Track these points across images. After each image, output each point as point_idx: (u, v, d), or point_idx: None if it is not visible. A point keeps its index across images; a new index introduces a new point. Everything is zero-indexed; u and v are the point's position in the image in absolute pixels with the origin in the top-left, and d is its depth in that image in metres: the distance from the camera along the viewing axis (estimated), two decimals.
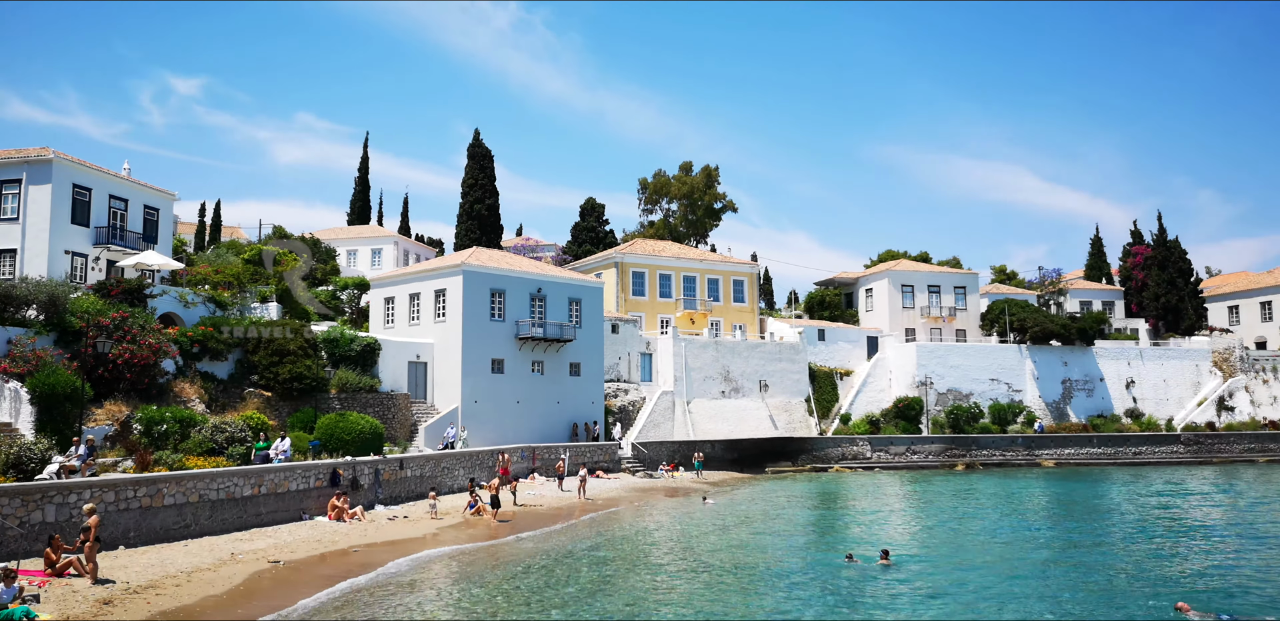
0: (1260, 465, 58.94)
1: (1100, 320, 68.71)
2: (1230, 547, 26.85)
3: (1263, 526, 31.40)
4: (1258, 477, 50.33)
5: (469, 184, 67.68)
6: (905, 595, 19.97)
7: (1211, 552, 26.01)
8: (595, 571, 22.75)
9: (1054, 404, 63.68)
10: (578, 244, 76.31)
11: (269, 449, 29.18)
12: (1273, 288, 76.15)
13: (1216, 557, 25.13)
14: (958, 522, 32.53)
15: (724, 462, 54.59)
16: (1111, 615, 17.79)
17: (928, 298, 68.87)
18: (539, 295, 47.47)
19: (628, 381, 54.59)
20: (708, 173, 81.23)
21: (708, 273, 64.13)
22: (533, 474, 43.36)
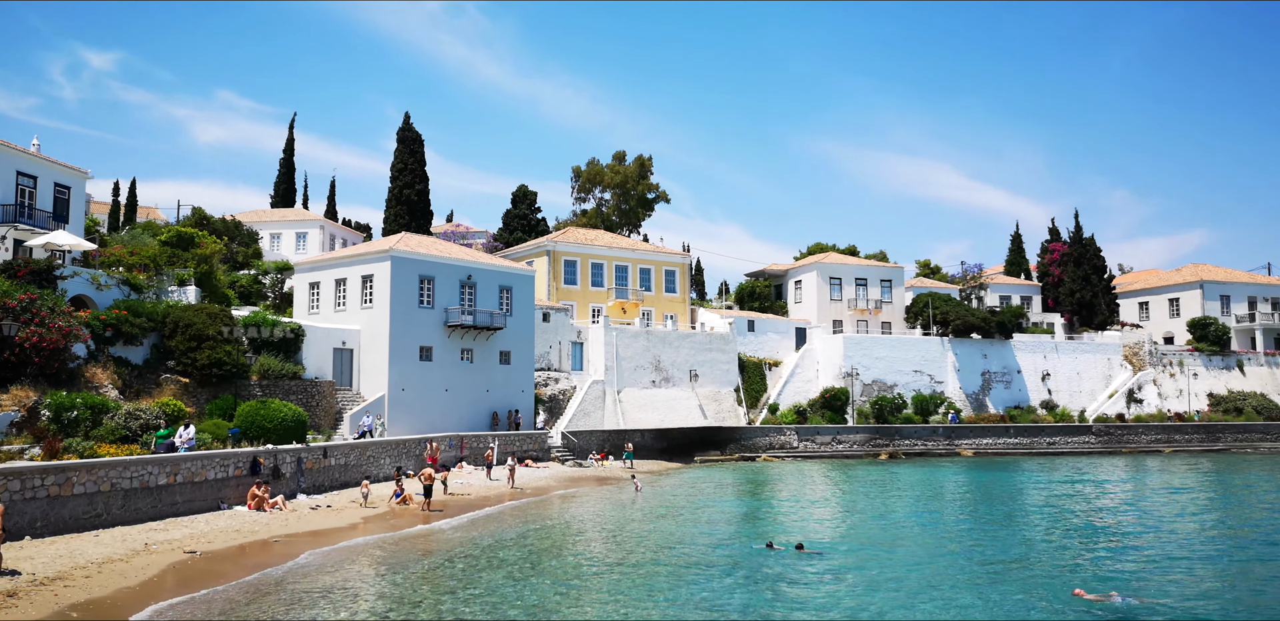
0: (1165, 455, 61.59)
1: (1019, 314, 70.81)
2: (1130, 535, 27.96)
3: (1162, 515, 32.79)
4: (1162, 467, 52.56)
5: (398, 168, 66.41)
6: (821, 582, 20.31)
7: (1111, 540, 27.05)
8: (522, 559, 22.64)
9: (974, 395, 65.49)
10: (509, 231, 75.58)
11: (172, 437, 27.72)
12: (1180, 285, 79.46)
13: (1116, 544, 26.15)
14: (877, 511, 33.24)
15: (654, 452, 54.84)
16: (1012, 601, 18.31)
17: (855, 290, 70.07)
18: (469, 282, 46.90)
19: (558, 370, 54.38)
20: (641, 162, 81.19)
21: (640, 262, 64.18)
22: (461, 463, 42.93)
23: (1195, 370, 71.20)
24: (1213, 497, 38.26)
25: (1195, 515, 32.41)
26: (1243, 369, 72.96)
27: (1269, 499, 37.17)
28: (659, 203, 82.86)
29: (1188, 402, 69.70)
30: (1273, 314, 77.00)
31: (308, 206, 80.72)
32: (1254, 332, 76.29)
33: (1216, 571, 21.83)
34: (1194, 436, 65.72)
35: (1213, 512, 33.35)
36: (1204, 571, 21.83)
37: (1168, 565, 22.48)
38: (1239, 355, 73.47)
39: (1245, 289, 78.57)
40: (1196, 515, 32.43)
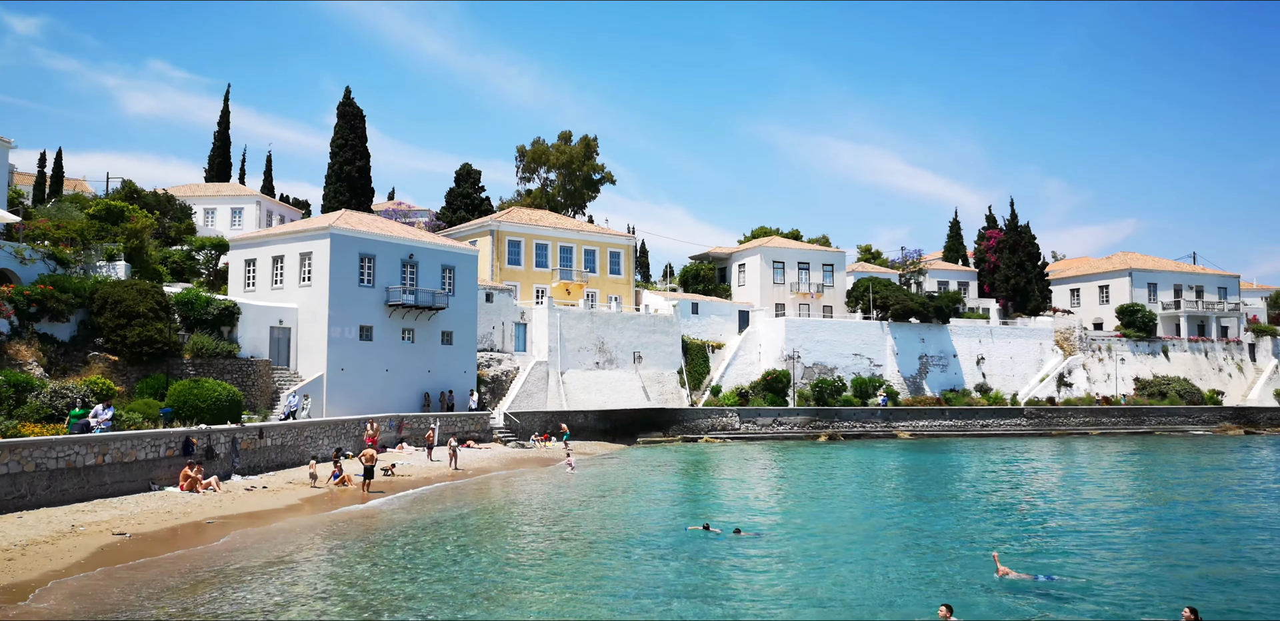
0: (1093, 438, 63.56)
1: (956, 300, 72.23)
2: (1056, 515, 28.83)
3: (1087, 496, 33.87)
4: (1089, 450, 54.24)
5: (338, 144, 64.95)
6: (758, 563, 20.56)
7: (1039, 520, 27.86)
8: (463, 539, 22.51)
9: (911, 378, 66.74)
10: (452, 210, 74.56)
11: (87, 417, 26.49)
12: (1110, 272, 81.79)
13: (1043, 524, 26.93)
14: (816, 492, 33.75)
15: (597, 433, 54.88)
16: (937, 579, 18.74)
17: (798, 274, 70.72)
18: (411, 261, 46.19)
19: (501, 351, 54.01)
20: (587, 143, 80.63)
21: (585, 243, 63.89)
22: (401, 443, 42.47)
23: (1123, 355, 73.50)
24: (1136, 479, 39.60)
25: (1119, 496, 33.53)
26: (1167, 354, 75.51)
27: (1189, 481, 38.60)
28: (604, 184, 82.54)
29: (1115, 387, 71.97)
30: (1197, 301, 79.72)
31: (244, 181, 78.64)
32: (1179, 319, 78.95)
33: (1137, 550, 22.61)
34: (1120, 419, 67.92)
35: (1135, 494, 34.53)
36: (1126, 550, 22.59)
37: (1091, 543, 23.22)
38: (1164, 341, 76.00)
39: (1171, 277, 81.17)
40: (1120, 496, 33.55)
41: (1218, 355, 77.61)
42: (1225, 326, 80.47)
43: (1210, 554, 21.73)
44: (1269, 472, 41.55)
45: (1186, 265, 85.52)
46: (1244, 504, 31.04)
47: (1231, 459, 48.25)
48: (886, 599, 16.76)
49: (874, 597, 16.94)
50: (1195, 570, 19.84)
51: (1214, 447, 55.19)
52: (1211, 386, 75.10)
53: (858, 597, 17.00)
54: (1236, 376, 77.55)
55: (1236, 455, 50.40)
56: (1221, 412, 71.46)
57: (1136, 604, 16.67)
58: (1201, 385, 74.37)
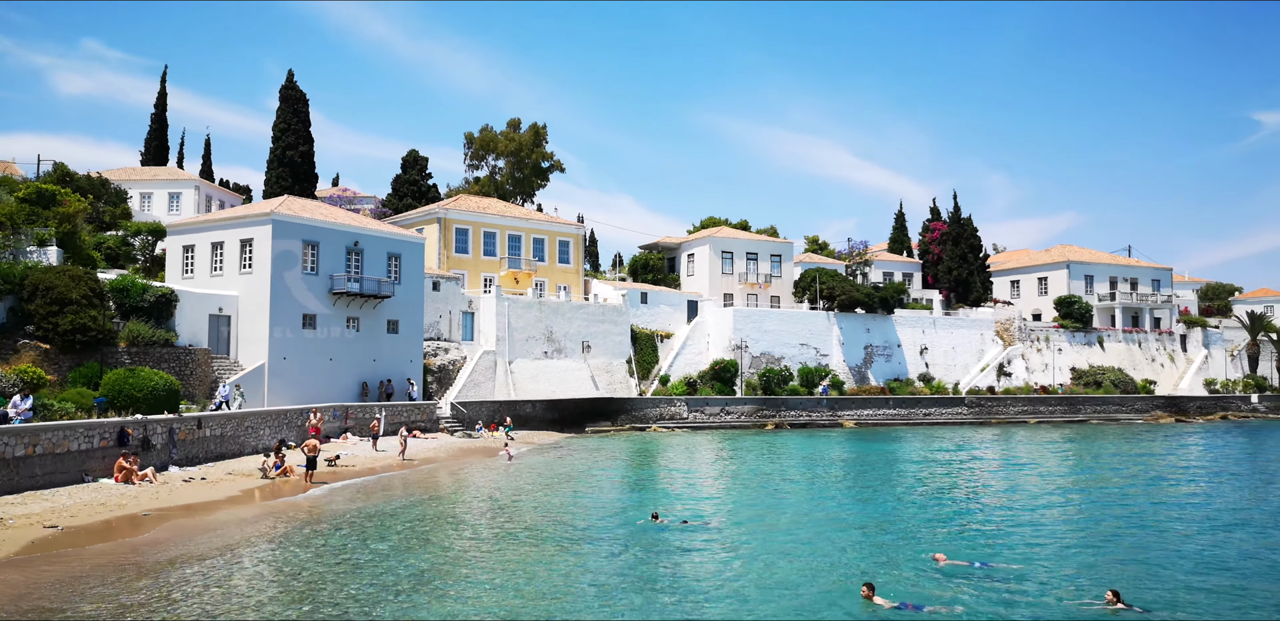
0: (1031, 426, 65.10)
1: (900, 290, 73.31)
2: (994, 502, 29.45)
3: (1025, 483, 34.67)
4: (1027, 438, 55.53)
5: (281, 128, 63.51)
6: (705, 552, 20.67)
7: (977, 506, 28.44)
8: (409, 530, 22.24)
9: (856, 368, 67.63)
10: (399, 197, 73.46)
11: (6, 408, 25.35)
12: (1048, 265, 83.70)
13: (981, 511, 27.51)
14: (763, 481, 34.02)
15: (545, 422, 54.69)
16: (876, 565, 19.04)
17: (746, 264, 71.11)
18: (356, 249, 45.43)
19: (448, 340, 53.46)
20: (536, 131, 80.00)
21: (534, 232, 63.46)
22: (346, 434, 41.86)
23: (1060, 345, 75.32)
24: (1072, 467, 40.63)
25: (1055, 483, 34.37)
26: (1103, 344, 77.57)
27: (1122, 468, 39.72)
28: (554, 172, 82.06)
29: (1053, 376, 73.74)
30: (1131, 293, 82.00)
31: (182, 165, 76.59)
32: (1114, 311, 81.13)
33: (1071, 535, 23.18)
34: (1057, 408, 69.64)
35: (1071, 480, 35.42)
36: (1060, 535, 23.15)
37: (1026, 529, 23.75)
38: (1100, 332, 78.05)
39: (1107, 269, 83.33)
40: (1056, 483, 34.40)
41: (1150, 346, 79.95)
42: (1158, 318, 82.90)
43: (1140, 538, 22.36)
44: (1197, 459, 42.94)
45: (1122, 258, 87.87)
46: (1173, 489, 32.03)
47: (1162, 446, 49.79)
48: (824, 585, 16.92)
49: (815, 584, 17.10)
50: (1125, 554, 20.39)
51: (1146, 435, 56.88)
52: (1145, 376, 77.39)
53: (800, 584, 17.16)
54: (1168, 366, 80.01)
55: (1167, 443, 52.01)
56: (1154, 401, 73.68)
57: (1066, 587, 17.08)
58: (1135, 375, 76.59)
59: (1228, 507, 27.49)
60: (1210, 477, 35.20)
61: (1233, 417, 75.04)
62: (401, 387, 47.27)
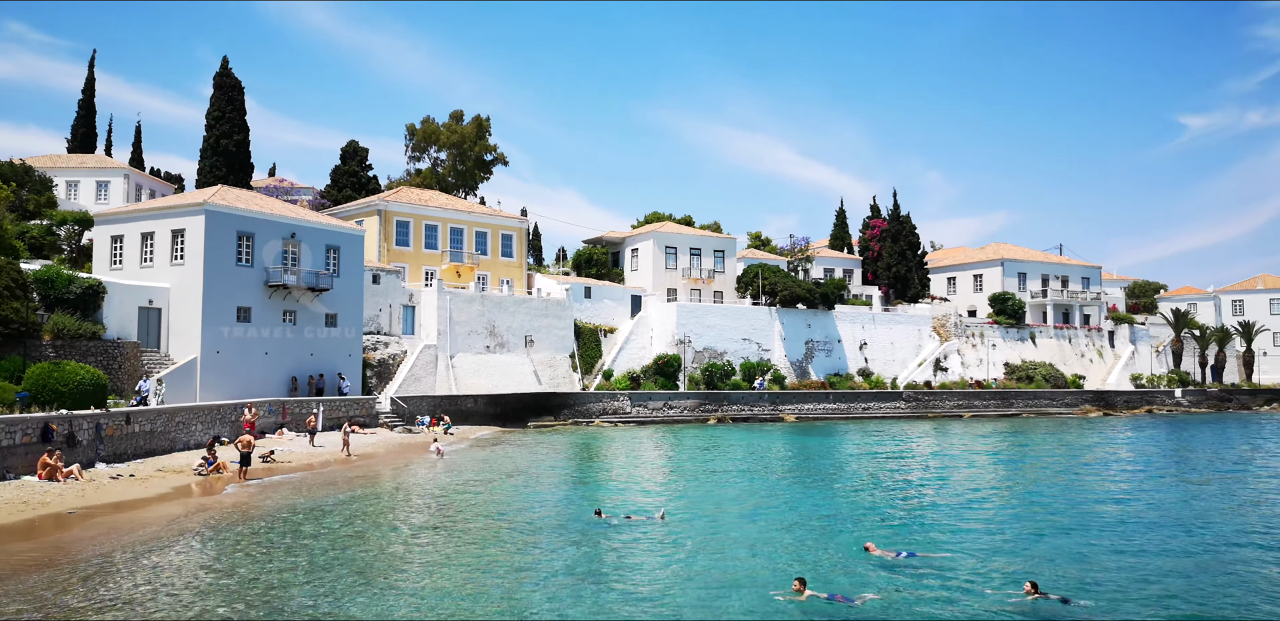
0: (965, 420, 66.52)
1: (841, 286, 74.30)
2: (928, 494, 30.04)
3: (958, 476, 35.41)
4: (962, 431, 56.74)
5: (215, 116, 61.84)
6: (647, 546, 20.71)
7: (912, 498, 28.98)
8: (346, 527, 21.86)
9: (798, 362, 68.37)
10: (338, 189, 72.09)
11: None
12: (983, 262, 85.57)
13: (915, 502, 28.03)
14: (704, 475, 34.20)
15: (487, 417, 54.26)
16: (810, 556, 19.31)
17: (690, 260, 71.38)
18: (293, 240, 44.48)
19: (389, 334, 52.69)
20: (479, 123, 79.21)
21: (476, 225, 62.85)
22: (282, 429, 41.00)
23: (994, 341, 77.09)
24: (1003, 460, 41.61)
25: (986, 475, 35.17)
26: (1035, 340, 79.59)
27: (1051, 460, 40.80)
28: (497, 165, 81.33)
29: (987, 371, 75.45)
30: (1062, 291, 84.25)
31: (110, 153, 74.17)
32: (1045, 307, 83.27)
33: (999, 525, 23.71)
34: (991, 402, 71.27)
35: (1001, 473, 36.28)
36: (989, 526, 23.67)
37: (958, 520, 24.28)
38: (1032, 328, 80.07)
39: (1040, 267, 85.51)
40: (987, 475, 35.19)
41: (1080, 342, 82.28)
42: (1087, 314, 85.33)
43: (1065, 528, 22.96)
44: (1123, 452, 44.31)
45: (1054, 256, 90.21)
46: (1099, 481, 33.00)
47: (1090, 439, 51.27)
48: (760, 580, 17.04)
49: (752, 579, 17.20)
50: (1050, 544, 20.92)
51: (1075, 429, 58.54)
52: (1074, 371, 79.62)
53: (736, 579, 17.26)
54: (1097, 362, 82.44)
55: (1095, 436, 53.58)
56: (1083, 396, 75.85)
57: (990, 576, 17.48)
58: (1065, 370, 78.75)
59: (1150, 500, 28.40)
60: (1135, 470, 36.35)
61: (1157, 411, 77.64)
62: (333, 383, 46.23)
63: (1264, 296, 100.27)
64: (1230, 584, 17.21)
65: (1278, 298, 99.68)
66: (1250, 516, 25.08)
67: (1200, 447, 46.16)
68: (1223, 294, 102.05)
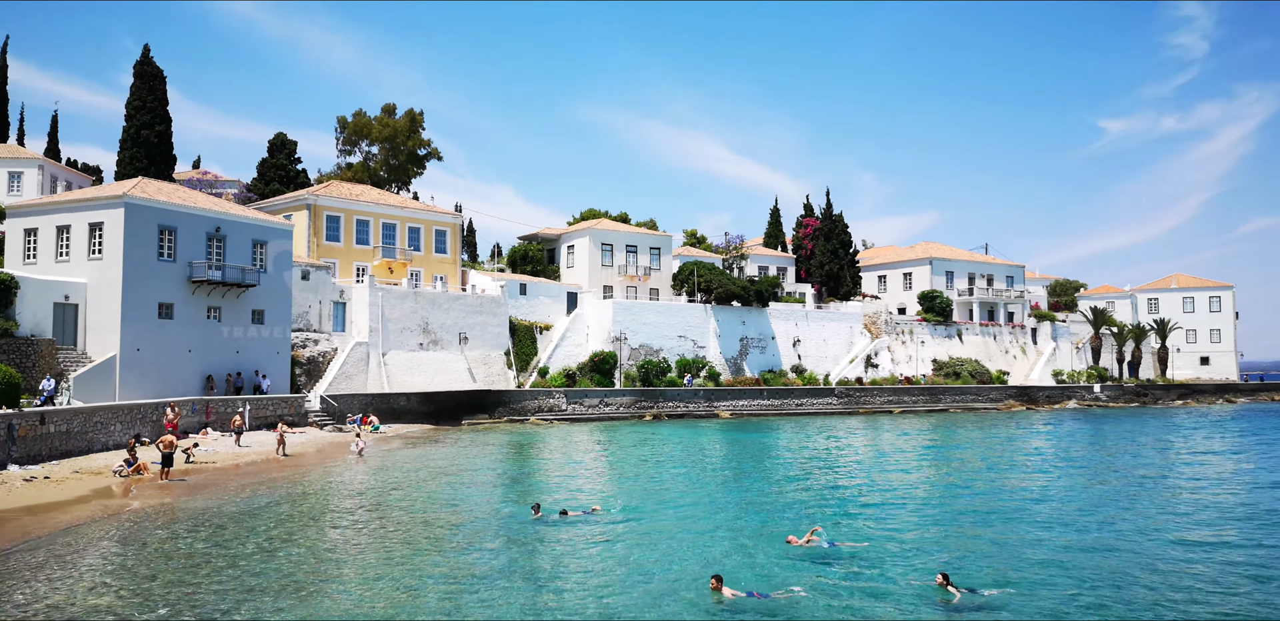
0: (895, 415, 67.84)
1: (775, 284, 75.10)
2: (855, 486, 30.56)
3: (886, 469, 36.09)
4: (892, 426, 57.84)
5: (135, 106, 59.76)
6: (583, 543, 20.67)
7: (840, 491, 29.44)
8: (273, 530, 21.33)
9: (732, 359, 68.92)
10: (265, 182, 70.32)
11: None
12: (912, 261, 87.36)
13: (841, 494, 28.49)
14: (640, 471, 34.27)
15: (420, 415, 53.53)
16: (738, 550, 19.57)
17: (626, 257, 71.40)
18: (218, 235, 43.26)
19: (319, 331, 51.60)
20: (412, 117, 78.02)
21: (409, 221, 61.91)
22: (206, 429, 39.87)
23: (923, 338, 78.77)
24: (930, 453, 42.54)
25: (913, 469, 35.91)
26: (961, 337, 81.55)
27: (976, 454, 41.85)
28: (430, 160, 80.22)
29: (916, 367, 77.03)
30: (988, 289, 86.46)
31: (23, 143, 71.15)
32: (972, 305, 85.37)
33: (923, 517, 24.26)
34: (920, 398, 72.81)
35: (927, 466, 37.09)
36: (912, 517, 24.19)
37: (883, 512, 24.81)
38: (959, 325, 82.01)
39: (966, 266, 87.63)
40: (914, 469, 35.94)
41: (1005, 338, 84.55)
42: (1011, 312, 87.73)
43: (985, 519, 23.56)
44: (1044, 445, 45.66)
45: (980, 255, 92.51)
46: (1019, 474, 33.94)
47: (1013, 433, 52.73)
48: (684, 577, 17.08)
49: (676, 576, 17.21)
50: (970, 535, 21.45)
51: (999, 423, 60.15)
52: (999, 367, 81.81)
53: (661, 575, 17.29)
54: (1020, 358, 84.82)
55: (1018, 430, 55.12)
56: (1007, 391, 77.98)
57: (906, 567, 17.86)
58: (990, 366, 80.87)
59: (1066, 492, 29.31)
60: (1054, 462, 37.50)
61: (1077, 406, 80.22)
62: (252, 381, 44.92)
63: (1177, 295, 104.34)
64: (1140, 574, 17.83)
65: (1190, 296, 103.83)
66: (1158, 508, 26.05)
67: (1116, 442, 47.81)
68: (1139, 293, 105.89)
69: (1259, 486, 30.33)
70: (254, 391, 44.42)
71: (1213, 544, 20.60)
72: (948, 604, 15.30)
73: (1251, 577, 17.39)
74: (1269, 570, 17.99)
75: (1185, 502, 26.82)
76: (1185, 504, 26.60)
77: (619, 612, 14.78)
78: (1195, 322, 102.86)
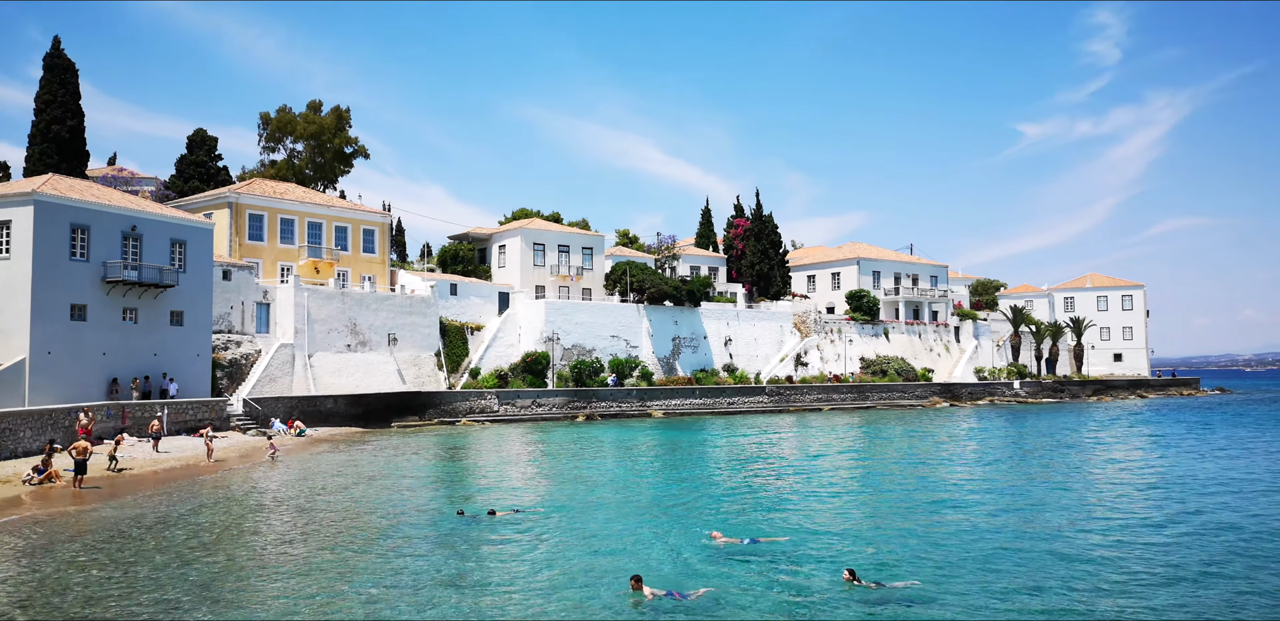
0: (824, 413, 68.91)
1: (706, 284, 75.64)
2: (780, 484, 30.99)
3: (812, 466, 36.65)
4: (821, 423, 58.74)
5: (45, 100, 57.41)
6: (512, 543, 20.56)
7: (768, 489, 29.83)
8: (194, 538, 20.72)
9: (665, 359, 69.21)
10: (184, 180, 68.22)
11: None
12: (841, 261, 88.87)
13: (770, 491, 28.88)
14: (570, 471, 34.19)
15: (348, 418, 52.51)
16: (659, 550, 19.68)
17: (558, 257, 71.15)
18: (134, 234, 41.84)
19: (241, 333, 50.28)
20: (338, 114, 76.53)
21: (336, 220, 60.71)
22: (122, 434, 38.45)
23: (851, 336, 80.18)
24: (856, 450, 43.33)
25: (840, 464, 36.54)
26: (888, 336, 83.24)
27: (900, 450, 42.76)
28: (357, 158, 78.79)
29: (844, 365, 78.39)
30: (913, 288, 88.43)
31: None
32: (898, 304, 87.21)
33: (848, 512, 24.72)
34: (848, 395, 74.11)
35: (854, 463, 37.78)
36: (834, 512, 24.63)
37: (805, 508, 25.25)
38: (886, 324, 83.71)
39: (892, 266, 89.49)
40: (840, 464, 36.57)
41: (929, 337, 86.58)
42: (936, 311, 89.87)
43: (905, 514, 24.11)
44: (966, 440, 46.90)
45: (905, 255, 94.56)
46: (941, 468, 34.81)
47: (936, 429, 54.02)
48: (607, 577, 17.10)
49: (598, 576, 17.22)
50: (890, 530, 21.90)
51: (924, 419, 61.57)
52: (924, 365, 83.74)
53: (583, 576, 17.27)
54: (944, 356, 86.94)
55: (941, 426, 56.49)
56: (931, 388, 79.86)
57: (823, 561, 18.18)
58: (916, 364, 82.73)
59: (988, 485, 30.15)
60: (975, 457, 38.54)
61: (998, 402, 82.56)
62: (159, 384, 43.08)
63: (1092, 294, 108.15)
64: (1052, 564, 18.42)
65: (1104, 295, 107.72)
66: (1074, 500, 26.97)
67: (1035, 437, 49.34)
68: (1056, 292, 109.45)
69: (1172, 479, 31.60)
70: (161, 396, 42.74)
71: (1121, 528, 21.39)
72: (854, 599, 15.53)
73: (1158, 564, 18.09)
74: (1173, 557, 18.74)
75: (1100, 495, 27.79)
76: (1100, 496, 27.57)
77: (540, 614, 14.72)
78: (1109, 321, 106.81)
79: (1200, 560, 18.59)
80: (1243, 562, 18.35)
